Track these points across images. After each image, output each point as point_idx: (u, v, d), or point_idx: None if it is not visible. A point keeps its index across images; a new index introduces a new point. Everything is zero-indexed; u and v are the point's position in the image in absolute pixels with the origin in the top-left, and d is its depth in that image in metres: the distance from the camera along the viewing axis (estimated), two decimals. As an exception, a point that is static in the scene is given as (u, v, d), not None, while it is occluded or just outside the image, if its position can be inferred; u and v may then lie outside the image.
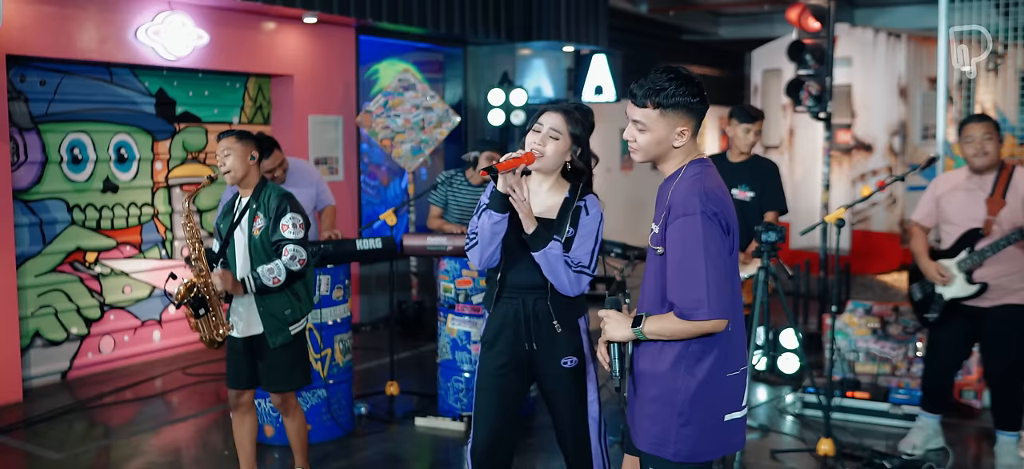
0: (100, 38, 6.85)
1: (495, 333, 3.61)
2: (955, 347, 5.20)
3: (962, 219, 5.05)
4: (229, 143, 4.36)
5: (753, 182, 5.74)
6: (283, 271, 4.32)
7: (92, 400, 6.53)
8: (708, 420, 2.89)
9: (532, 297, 3.54)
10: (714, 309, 2.77)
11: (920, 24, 13.66)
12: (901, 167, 11.74)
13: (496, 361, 3.61)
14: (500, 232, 3.47)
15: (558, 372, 3.58)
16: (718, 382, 2.89)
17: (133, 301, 7.55)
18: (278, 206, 4.36)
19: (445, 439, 5.73)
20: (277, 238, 4.35)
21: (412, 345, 8.15)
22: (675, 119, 2.87)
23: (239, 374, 4.54)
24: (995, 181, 4.97)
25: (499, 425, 3.62)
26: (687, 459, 2.91)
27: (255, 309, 4.41)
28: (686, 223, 2.80)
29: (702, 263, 2.76)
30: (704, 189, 2.83)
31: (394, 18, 8.47)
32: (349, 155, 8.86)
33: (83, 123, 7.14)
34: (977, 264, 4.97)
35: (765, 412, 6.18)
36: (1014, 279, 4.93)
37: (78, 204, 7.15)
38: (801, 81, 7.95)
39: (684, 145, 2.91)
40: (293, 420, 4.66)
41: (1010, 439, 5.09)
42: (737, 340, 2.94)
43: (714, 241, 2.79)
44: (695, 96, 2.86)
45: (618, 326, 2.96)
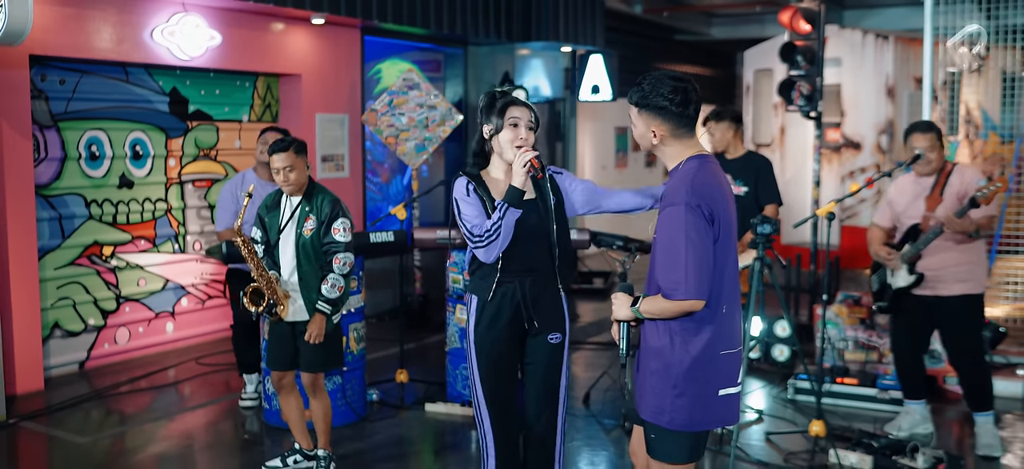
0: (117, 39, 7.06)
1: (493, 317, 3.80)
2: (912, 333, 5.54)
3: (907, 217, 5.44)
4: (290, 158, 4.63)
5: (746, 177, 6.03)
6: (340, 280, 4.67)
7: (109, 389, 6.73)
8: (702, 393, 3.15)
9: (529, 278, 3.78)
10: (690, 290, 3.03)
11: (907, 25, 13.93)
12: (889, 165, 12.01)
13: (497, 347, 3.81)
14: (514, 224, 3.70)
15: (545, 346, 3.85)
16: (712, 358, 3.15)
17: (147, 293, 7.76)
18: (331, 211, 4.68)
19: (454, 424, 5.98)
20: (329, 241, 4.67)
21: (417, 337, 8.36)
22: (648, 119, 3.18)
23: (282, 356, 4.85)
24: (935, 182, 5.36)
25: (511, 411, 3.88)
26: (681, 427, 3.17)
27: (301, 298, 4.73)
28: (672, 212, 3.07)
29: (682, 248, 3.02)
30: (693, 182, 3.08)
31: (398, 19, 8.69)
32: (354, 152, 9.07)
33: (100, 121, 7.35)
34: (915, 256, 5.32)
35: (759, 399, 6.45)
36: (960, 270, 5.28)
37: (95, 199, 7.35)
38: (793, 81, 8.17)
39: (661, 143, 3.20)
40: (320, 402, 4.92)
41: (986, 419, 5.40)
42: (732, 321, 3.21)
43: (696, 229, 3.03)
44: (668, 100, 3.13)
45: (621, 306, 3.26)
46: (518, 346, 3.87)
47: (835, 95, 12.30)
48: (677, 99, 3.13)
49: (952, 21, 7.53)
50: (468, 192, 3.77)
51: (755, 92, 13.12)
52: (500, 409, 3.84)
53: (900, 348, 5.60)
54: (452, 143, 10.27)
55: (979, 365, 5.42)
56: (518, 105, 3.75)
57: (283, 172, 4.63)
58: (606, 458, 5.40)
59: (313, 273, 4.70)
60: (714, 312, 3.14)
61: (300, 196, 4.74)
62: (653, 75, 3.19)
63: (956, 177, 5.32)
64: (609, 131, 13.97)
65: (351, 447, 5.55)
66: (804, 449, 5.43)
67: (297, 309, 4.76)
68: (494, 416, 3.84)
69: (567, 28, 10.57)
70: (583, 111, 12.84)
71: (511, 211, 3.64)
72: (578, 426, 5.83)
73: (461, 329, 6.12)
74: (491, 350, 3.81)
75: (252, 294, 4.65)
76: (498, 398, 3.84)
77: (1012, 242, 8.09)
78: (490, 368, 3.82)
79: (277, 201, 4.81)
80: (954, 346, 5.45)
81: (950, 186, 5.31)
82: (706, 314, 3.13)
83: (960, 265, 5.29)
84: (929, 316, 5.45)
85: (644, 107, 3.18)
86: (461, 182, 3.78)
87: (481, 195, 3.76)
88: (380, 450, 5.54)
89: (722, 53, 17.97)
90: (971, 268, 5.32)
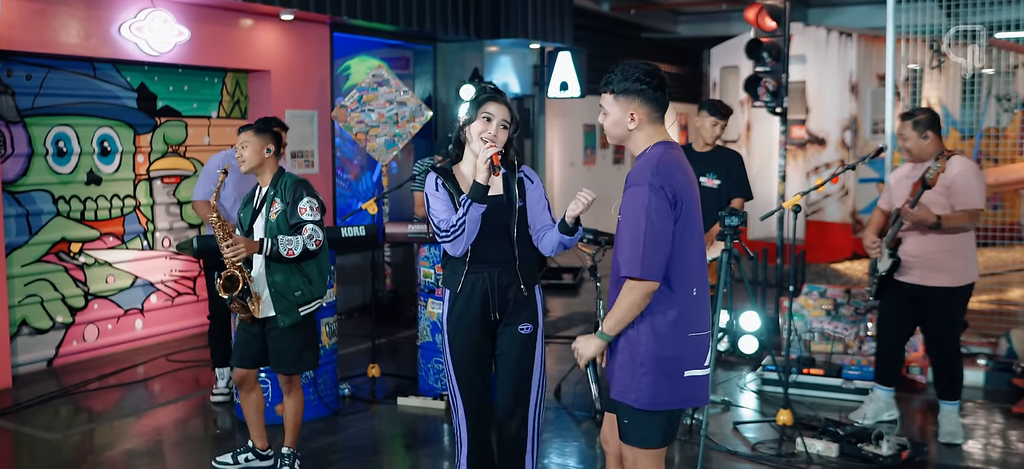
0: (85, 34, 7.01)
1: (463, 308, 3.85)
2: (896, 320, 5.62)
3: (898, 201, 5.48)
4: (247, 136, 4.63)
5: (719, 170, 6.13)
6: (300, 246, 4.54)
7: (77, 386, 6.68)
8: (668, 373, 3.21)
9: (496, 269, 3.82)
10: (646, 269, 3.09)
11: (870, 23, 14.13)
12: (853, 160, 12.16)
13: (469, 336, 3.86)
14: (480, 219, 3.75)
15: (515, 336, 3.87)
16: (678, 339, 3.21)
17: (116, 290, 7.71)
18: (295, 191, 4.62)
19: (425, 417, 6.01)
20: (296, 221, 4.59)
21: (388, 332, 8.38)
22: (626, 103, 3.25)
23: (247, 353, 4.77)
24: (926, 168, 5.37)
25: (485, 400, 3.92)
26: (646, 406, 3.23)
27: (265, 289, 4.63)
28: (635, 192, 3.15)
29: (642, 227, 3.09)
30: (657, 164, 3.16)
31: (368, 16, 8.69)
32: (324, 149, 9.07)
33: (68, 117, 7.30)
34: (892, 238, 5.40)
35: (727, 389, 6.55)
36: (937, 258, 5.31)
37: (63, 196, 7.30)
38: (758, 77, 8.25)
39: (638, 127, 3.26)
40: (294, 401, 4.87)
41: (951, 408, 5.52)
42: (700, 304, 3.27)
43: (656, 210, 3.10)
44: (645, 83, 3.22)
45: (588, 344, 3.32)
46: (490, 337, 3.91)
47: (800, 92, 12.44)
48: (653, 82, 3.23)
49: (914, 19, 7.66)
50: (437, 187, 3.83)
51: (721, 89, 13.23)
52: (472, 398, 3.89)
53: (885, 332, 5.68)
54: (422, 139, 10.27)
55: (954, 356, 5.50)
56: (497, 102, 3.80)
57: (239, 147, 4.64)
58: (577, 449, 5.45)
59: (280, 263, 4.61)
60: (682, 294, 3.20)
61: (268, 184, 4.70)
62: (624, 63, 3.28)
63: (952, 166, 5.25)
64: (577, 128, 14.04)
65: (324, 441, 5.56)
66: (772, 438, 5.51)
67: (265, 302, 4.66)
68: (466, 403, 3.89)
69: (536, 25, 10.61)
70: (552, 108, 12.91)
71: (474, 206, 3.70)
72: (549, 418, 5.88)
73: (433, 323, 6.15)
74: (462, 340, 3.87)
75: (227, 280, 4.55)
76: (470, 387, 3.89)
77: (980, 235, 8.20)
78: (462, 357, 3.88)
79: (251, 196, 4.78)
80: (932, 335, 5.52)
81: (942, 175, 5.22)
82: (673, 296, 3.19)
83: (939, 254, 5.30)
84: (912, 304, 5.49)
85: (622, 92, 3.24)
86: (431, 177, 3.85)
87: (449, 190, 3.82)
88: (352, 444, 5.55)
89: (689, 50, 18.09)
90: (951, 258, 5.30)
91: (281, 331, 4.68)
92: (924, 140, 5.34)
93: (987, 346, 7.01)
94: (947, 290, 5.35)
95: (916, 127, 5.36)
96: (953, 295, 5.37)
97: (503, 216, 3.81)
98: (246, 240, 4.53)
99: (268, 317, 4.69)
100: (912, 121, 5.38)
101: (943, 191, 5.23)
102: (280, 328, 4.67)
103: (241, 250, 4.48)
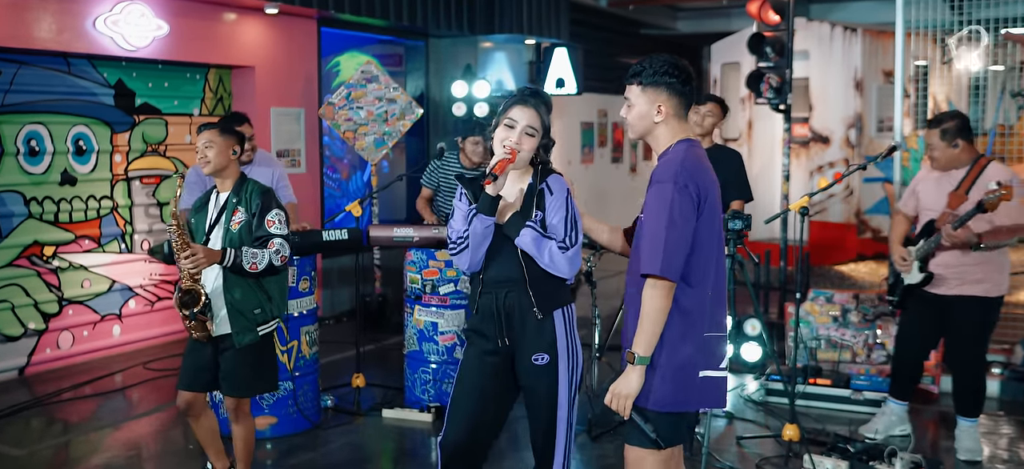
0: (57, 28, 6.75)
1: (477, 332, 3.56)
2: (918, 333, 5.30)
3: (928, 210, 5.17)
4: (211, 135, 4.26)
5: (717, 170, 5.78)
6: (265, 261, 4.20)
7: (50, 396, 6.44)
8: (683, 374, 3.13)
9: (503, 291, 3.49)
10: (666, 267, 3.01)
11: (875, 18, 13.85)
12: (858, 159, 11.91)
13: (475, 359, 3.56)
14: (490, 234, 3.43)
15: (530, 368, 3.50)
16: (694, 339, 3.13)
17: (92, 295, 7.45)
18: (262, 202, 4.28)
19: (412, 430, 5.73)
20: (262, 233, 4.25)
21: (376, 338, 8.12)
22: (654, 95, 3.18)
23: (198, 377, 4.36)
24: (965, 176, 5.04)
25: (474, 424, 3.54)
26: (663, 408, 3.14)
27: (224, 306, 4.26)
28: (659, 189, 3.08)
29: (664, 225, 3.03)
30: (683, 163, 3.09)
31: (356, 10, 8.44)
32: (311, 147, 8.81)
33: (40, 114, 7.03)
34: (928, 253, 5.08)
35: (729, 400, 6.25)
36: (973, 269, 5.01)
37: (35, 197, 7.04)
38: (761, 73, 8.02)
39: (664, 121, 3.19)
40: (244, 427, 4.48)
41: (969, 424, 5.20)
42: (716, 305, 3.19)
43: (680, 209, 3.04)
44: (673, 76, 3.17)
45: (624, 383, 3.12)
46: (504, 367, 3.56)
47: (803, 89, 12.22)
48: (682, 76, 3.19)
49: (921, 15, 7.40)
50: (459, 196, 3.55)
51: (722, 86, 13.03)
52: (456, 419, 3.56)
53: (904, 345, 5.36)
54: (413, 138, 10.03)
55: (979, 371, 5.19)
56: (525, 105, 3.46)
57: (201, 148, 4.25)
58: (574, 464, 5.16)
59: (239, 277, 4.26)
60: (699, 293, 3.13)
61: (228, 190, 4.35)
62: (651, 56, 3.22)
63: (991, 174, 4.95)
64: (575, 126, 13.78)
65: (303, 457, 5.28)
66: (777, 454, 5.23)
67: (221, 320, 4.28)
68: (449, 421, 3.57)
69: (531, 21, 10.39)
70: (548, 106, 12.62)
71: (479, 219, 3.39)
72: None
73: (419, 331, 5.88)
74: (469, 367, 3.58)
75: (186, 295, 4.17)
76: (458, 408, 3.56)
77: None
78: (463, 378, 3.58)
79: (206, 201, 4.40)
80: (957, 348, 5.20)
81: (979, 184, 4.96)
82: (691, 295, 3.12)
83: (976, 265, 5.00)
84: (939, 316, 5.17)
85: (649, 84, 3.19)
86: (459, 189, 3.56)
87: (471, 199, 3.51)
88: (333, 460, 5.27)
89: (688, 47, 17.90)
90: (987, 268, 5.01)
91: (237, 351, 4.29)
92: (954, 149, 5.03)
93: (1002, 354, 6.70)
94: (981, 301, 5.04)
95: (944, 136, 5.04)
96: (987, 306, 5.06)
97: None
98: (206, 250, 4.15)
99: (222, 336, 4.31)
100: (940, 129, 5.06)
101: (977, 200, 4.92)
102: (236, 348, 4.28)
103: (201, 260, 4.12)
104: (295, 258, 5.51)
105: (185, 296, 4.18)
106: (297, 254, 5.52)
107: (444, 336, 5.82)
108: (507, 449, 5.37)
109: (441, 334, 5.82)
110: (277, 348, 5.38)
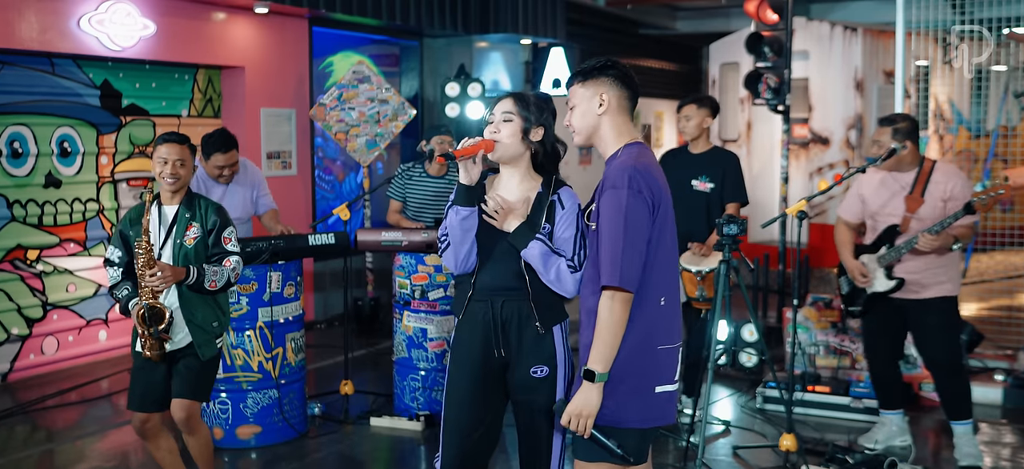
0: (41, 27, 6.62)
1: (466, 340, 3.37)
2: (886, 338, 5.22)
3: (884, 216, 5.08)
4: (183, 152, 4.16)
5: (713, 173, 5.65)
6: (224, 279, 4.19)
7: (34, 403, 6.33)
8: (637, 389, 3.00)
9: (501, 299, 3.31)
10: (623, 277, 2.89)
11: (876, 18, 13.72)
12: (858, 161, 11.79)
13: (466, 371, 3.37)
14: (471, 228, 3.26)
15: (528, 382, 3.33)
16: (648, 353, 3.00)
17: (78, 300, 7.33)
18: (219, 219, 4.23)
19: (401, 439, 5.60)
20: (218, 250, 4.20)
21: (368, 342, 8.00)
22: (595, 86, 3.08)
23: (150, 395, 4.24)
24: (915, 179, 5.00)
25: (471, 441, 3.36)
26: (616, 423, 3.00)
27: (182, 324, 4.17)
28: (612, 195, 2.95)
29: (621, 232, 2.90)
30: (635, 166, 2.96)
31: (348, 9, 8.31)
32: (302, 149, 8.69)
33: (24, 116, 6.91)
34: (895, 260, 5.00)
35: (726, 408, 6.13)
36: (936, 273, 4.97)
37: (19, 200, 6.92)
38: (759, 73, 7.90)
39: (607, 114, 3.07)
40: (199, 435, 4.38)
41: (964, 428, 5.08)
42: (670, 315, 3.06)
43: (635, 215, 2.92)
44: (614, 69, 3.09)
45: (583, 402, 2.98)
46: (497, 378, 3.38)
47: (802, 89, 12.09)
48: (622, 72, 3.11)
49: (922, 14, 7.28)
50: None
51: (721, 86, 12.90)
52: (455, 438, 3.37)
53: (875, 355, 5.28)
54: (407, 138, 9.91)
55: (957, 371, 5.10)
56: (501, 99, 3.35)
57: (172, 164, 4.11)
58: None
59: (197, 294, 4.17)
60: (650, 304, 3.01)
61: (176, 205, 4.22)
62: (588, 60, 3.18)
63: (940, 176, 4.96)
64: (572, 127, 13.64)
65: (288, 467, 5.16)
66: (775, 465, 5.10)
67: (183, 335, 4.19)
68: (447, 442, 3.38)
69: (527, 20, 10.26)
70: (545, 106, 12.50)
71: (454, 210, 3.24)
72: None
73: (408, 337, 5.75)
74: (459, 378, 3.37)
75: (151, 313, 4.03)
76: (457, 428, 3.37)
77: (989, 238, 7.87)
78: (456, 393, 3.38)
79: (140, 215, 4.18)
80: (931, 351, 5.12)
81: (933, 185, 4.95)
82: (640, 306, 2.99)
83: (939, 266, 4.97)
84: (903, 320, 5.13)
85: (590, 78, 3.10)
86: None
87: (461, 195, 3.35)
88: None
89: (687, 47, 17.78)
90: (948, 269, 5.00)
91: (198, 360, 4.22)
92: (903, 149, 4.96)
93: (1005, 360, 6.57)
94: (944, 300, 4.99)
95: (895, 135, 4.99)
96: (950, 304, 5.03)
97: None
98: (171, 268, 4.07)
99: (178, 350, 4.20)
100: (892, 128, 5.01)
101: (939, 204, 4.90)
102: (202, 360, 4.22)
103: (168, 277, 4.04)
104: (280, 262, 5.40)
105: (151, 314, 4.05)
106: (283, 259, 5.41)
107: (433, 343, 5.70)
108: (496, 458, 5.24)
109: (430, 341, 5.69)
110: (261, 354, 5.31)
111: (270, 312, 5.35)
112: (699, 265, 5.33)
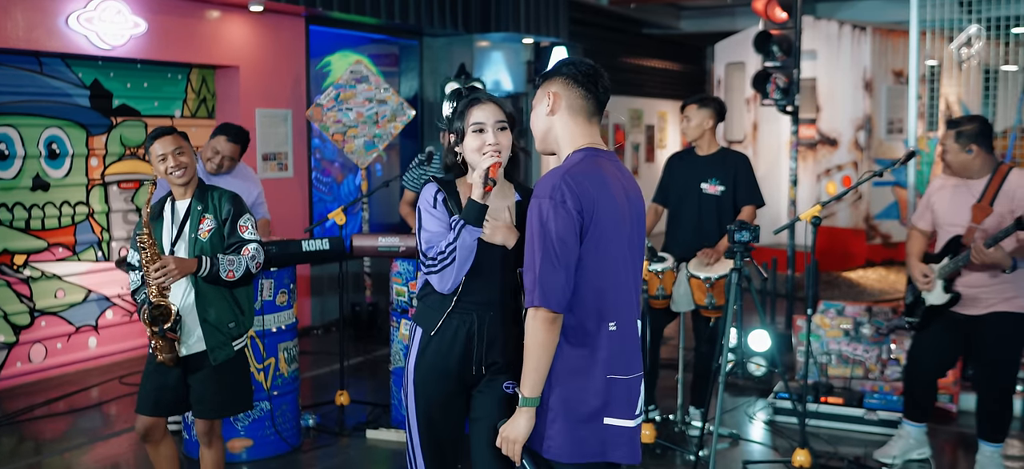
0: (28, 25, 6.46)
1: (439, 355, 3.11)
2: (935, 352, 4.97)
3: (949, 225, 4.82)
4: (178, 141, 3.98)
5: (723, 175, 5.45)
6: (242, 267, 3.95)
7: (21, 413, 6.21)
8: (582, 419, 2.77)
9: (489, 314, 3.08)
10: (544, 297, 2.67)
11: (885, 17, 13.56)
12: (866, 162, 11.61)
13: (442, 390, 3.13)
14: (475, 248, 3.04)
15: (495, 396, 3.10)
16: (589, 382, 2.76)
17: (67, 306, 7.17)
18: (234, 207, 4.02)
19: (399, 452, 5.41)
20: (235, 239, 3.99)
21: (365, 350, 7.82)
22: (547, 86, 2.88)
23: (162, 400, 4.06)
24: (986, 186, 4.70)
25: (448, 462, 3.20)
26: (557, 458, 2.80)
27: (197, 323, 3.97)
28: (533, 207, 2.74)
29: (539, 249, 2.69)
30: (566, 175, 2.72)
31: (346, 8, 8.15)
32: (299, 150, 8.53)
33: (10, 116, 6.76)
34: (953, 272, 4.74)
35: (735, 419, 5.92)
36: (1002, 288, 4.67)
37: (5, 203, 6.78)
38: (768, 73, 7.74)
39: (556, 115, 2.86)
40: (215, 451, 4.20)
41: (993, 450, 4.84)
42: (621, 342, 2.80)
43: (555, 229, 2.67)
44: (572, 68, 2.86)
45: (513, 426, 2.80)
46: (466, 391, 3.16)
47: (810, 89, 11.93)
48: (582, 70, 2.85)
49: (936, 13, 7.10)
50: (435, 202, 3.09)
51: (726, 86, 12.76)
52: (438, 462, 3.18)
53: (919, 366, 5.00)
54: (407, 139, 9.74)
55: (1007, 394, 4.83)
56: (481, 104, 3.08)
57: (172, 157, 3.93)
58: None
59: (213, 289, 3.98)
60: (596, 328, 2.76)
61: (188, 198, 4.05)
62: None
63: (1013, 182, 4.62)
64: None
65: (280, 483, 4.98)
66: (787, 481, 4.90)
67: (194, 340, 3.99)
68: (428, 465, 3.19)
69: (529, 19, 10.10)
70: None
71: (467, 230, 2.97)
72: None
73: (405, 346, 5.54)
74: (433, 394, 3.12)
75: (156, 311, 3.85)
76: (438, 450, 3.17)
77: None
78: (430, 414, 3.14)
79: (160, 212, 4.08)
80: (987, 370, 4.83)
81: (1003, 194, 4.62)
82: (584, 332, 2.76)
83: (1008, 281, 4.63)
84: (960, 336, 4.84)
85: (545, 79, 2.90)
86: (429, 189, 3.11)
87: (451, 208, 3.09)
88: (312, 486, 4.97)
89: (691, 47, 17.68)
90: (1019, 284, 4.66)
91: (212, 370, 4.00)
92: (966, 154, 4.69)
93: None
94: (1015, 316, 4.67)
95: (958, 139, 4.70)
96: (1015, 322, 4.69)
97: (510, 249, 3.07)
98: (178, 260, 3.84)
99: (192, 356, 4.01)
100: (955, 131, 4.72)
101: (1008, 215, 4.57)
102: (211, 367, 4.00)
103: (173, 271, 3.81)
104: (272, 270, 5.20)
105: (157, 312, 3.86)
106: (275, 266, 5.21)
107: (432, 352, 5.49)
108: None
109: (429, 350, 5.49)
110: (252, 365, 5.07)
111: (261, 321, 5.16)
112: (708, 272, 5.13)
